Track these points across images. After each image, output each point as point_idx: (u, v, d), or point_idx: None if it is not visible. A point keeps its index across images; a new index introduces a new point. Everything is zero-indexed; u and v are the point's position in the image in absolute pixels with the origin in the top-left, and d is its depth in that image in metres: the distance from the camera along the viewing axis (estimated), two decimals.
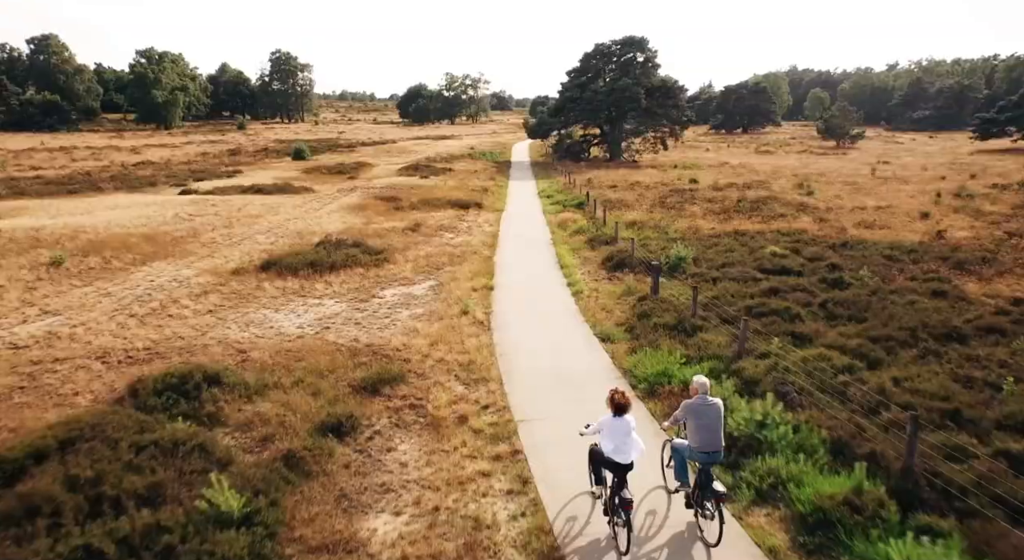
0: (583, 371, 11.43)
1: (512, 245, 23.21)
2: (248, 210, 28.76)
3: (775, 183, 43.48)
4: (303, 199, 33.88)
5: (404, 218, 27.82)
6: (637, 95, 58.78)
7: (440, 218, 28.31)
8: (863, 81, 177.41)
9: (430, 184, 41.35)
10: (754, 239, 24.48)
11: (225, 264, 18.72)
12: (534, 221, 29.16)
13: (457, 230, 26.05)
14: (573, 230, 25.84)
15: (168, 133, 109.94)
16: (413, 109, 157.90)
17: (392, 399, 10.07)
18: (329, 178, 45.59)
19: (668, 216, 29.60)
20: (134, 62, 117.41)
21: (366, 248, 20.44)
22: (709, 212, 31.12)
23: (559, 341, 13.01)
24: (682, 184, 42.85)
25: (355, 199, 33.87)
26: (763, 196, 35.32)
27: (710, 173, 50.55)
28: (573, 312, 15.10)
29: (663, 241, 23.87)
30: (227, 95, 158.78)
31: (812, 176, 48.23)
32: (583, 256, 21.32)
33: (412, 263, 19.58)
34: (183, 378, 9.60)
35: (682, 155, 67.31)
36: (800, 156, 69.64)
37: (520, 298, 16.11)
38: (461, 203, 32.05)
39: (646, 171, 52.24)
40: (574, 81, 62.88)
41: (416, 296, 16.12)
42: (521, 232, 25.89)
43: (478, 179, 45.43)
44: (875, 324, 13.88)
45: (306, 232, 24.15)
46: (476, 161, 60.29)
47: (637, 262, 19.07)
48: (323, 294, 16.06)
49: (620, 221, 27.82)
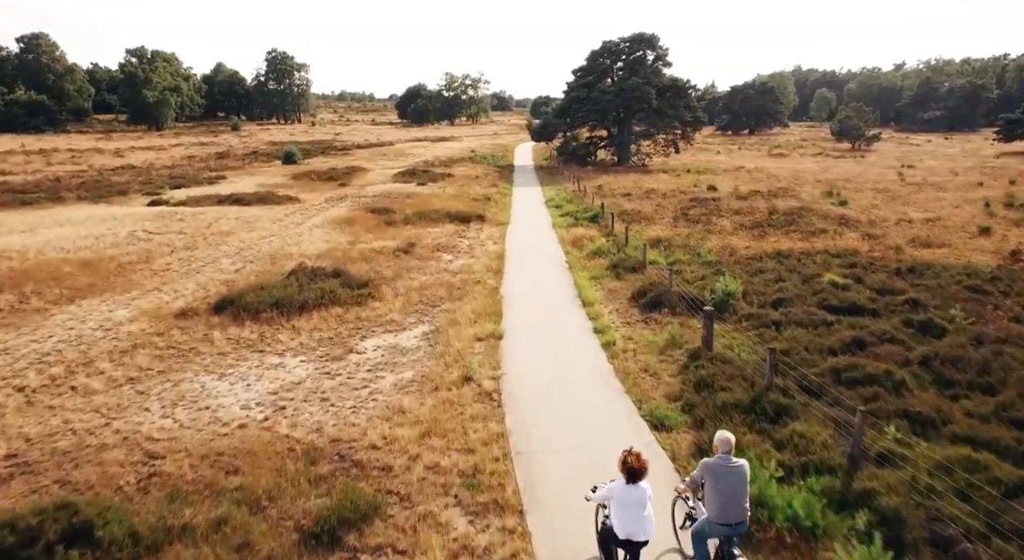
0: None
1: (521, 271, 19.78)
2: (219, 226, 25.34)
3: (801, 190, 40.10)
4: (285, 211, 30.45)
5: (396, 235, 24.40)
6: (648, 95, 55.36)
7: (437, 235, 24.88)
8: (870, 81, 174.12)
9: (427, 192, 37.92)
10: (801, 262, 21.07)
11: (172, 302, 15.27)
12: (544, 238, 25.73)
13: (457, 250, 22.63)
14: (591, 251, 22.41)
15: (159, 134, 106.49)
16: (412, 110, 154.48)
17: (360, 554, 6.65)
18: (318, 185, 42.16)
19: (696, 232, 26.17)
20: (124, 61, 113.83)
21: (348, 278, 17.00)
22: (740, 227, 27.71)
23: (595, 429, 9.57)
24: (701, 191, 39.46)
25: (343, 211, 30.44)
26: (795, 207, 31.91)
27: (727, 179, 47.16)
28: (607, 376, 11.66)
29: (698, 265, 20.46)
30: (222, 95, 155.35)
31: (838, 182, 44.86)
32: (607, 287, 17.89)
33: (402, 298, 16.14)
34: (30, 533, 6.18)
35: (693, 158, 63.92)
36: (817, 159, 66.29)
37: (537, 353, 12.67)
38: (461, 216, 28.61)
39: (658, 176, 48.85)
40: (580, 80, 59.47)
41: (405, 350, 12.70)
42: (530, 253, 22.47)
43: (479, 186, 42.02)
44: (1011, 397, 10.48)
45: (281, 254, 20.72)
46: (477, 165, 56.87)
47: (676, 298, 15.66)
48: (286, 348, 12.62)
49: (642, 238, 24.46)
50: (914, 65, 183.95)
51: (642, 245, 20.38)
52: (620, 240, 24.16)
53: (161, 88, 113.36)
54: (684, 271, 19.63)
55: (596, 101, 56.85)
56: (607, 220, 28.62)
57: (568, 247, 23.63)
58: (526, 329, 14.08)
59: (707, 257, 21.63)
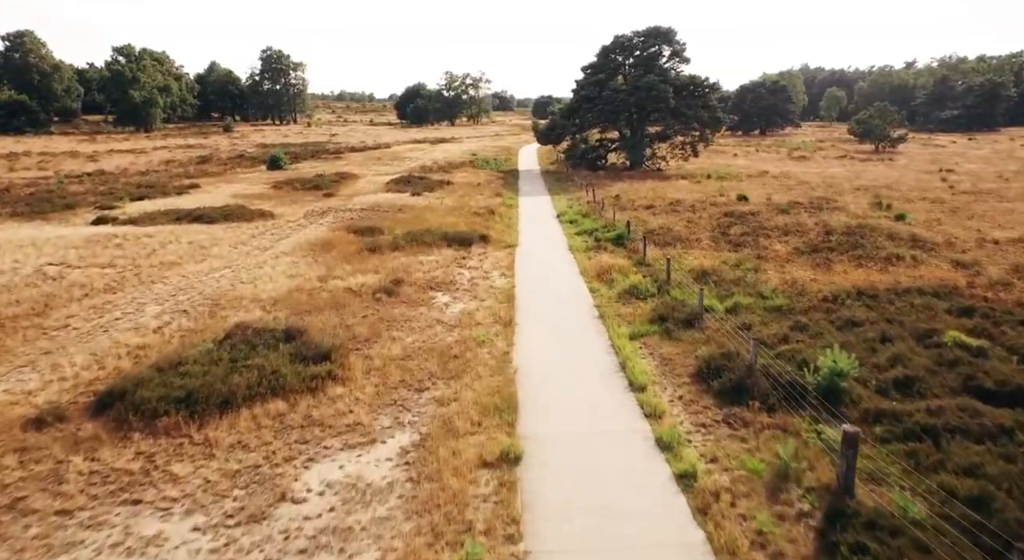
0: None
1: (537, 322, 15.12)
2: (164, 254, 20.70)
3: (844, 201, 35.46)
4: (253, 231, 25.81)
5: (380, 266, 19.73)
6: (665, 94, 50.66)
7: (431, 265, 20.22)
8: (882, 79, 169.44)
9: (422, 204, 33.27)
10: (896, 306, 16.37)
11: (35, 393, 10.58)
12: (561, 268, 21.05)
13: (455, 288, 17.97)
14: (623, 289, 17.72)
15: (147, 136, 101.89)
16: (411, 110, 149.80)
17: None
18: (301, 196, 37.51)
19: (745, 260, 21.49)
20: (111, 60, 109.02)
21: (305, 343, 12.35)
22: (795, 251, 23.04)
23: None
24: (731, 202, 34.82)
25: (322, 230, 25.80)
26: (850, 224, 27.23)
27: (754, 186, 42.52)
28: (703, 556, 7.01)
29: (765, 313, 15.78)
30: (216, 95, 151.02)
31: (879, 190, 40.21)
32: (658, 352, 13.20)
33: (377, 377, 11.50)
34: None
35: (710, 162, 59.21)
36: (843, 163, 61.67)
37: (578, 500, 8.00)
38: (460, 238, 23.92)
39: (677, 183, 44.18)
40: (591, 78, 54.77)
41: (370, 492, 8.05)
42: (547, 293, 17.78)
43: (481, 196, 37.36)
44: None
45: (228, 299, 16.07)
46: (478, 171, 52.21)
47: (763, 377, 11.00)
48: (181, 494, 7.95)
49: (683, 268, 19.81)
50: (926, 63, 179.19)
51: (697, 290, 15.68)
52: (657, 272, 19.49)
53: (149, 88, 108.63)
54: (751, 320, 14.99)
55: (608, 100, 52.17)
56: (635, 242, 23.98)
57: (594, 282, 18.94)
58: (555, 442, 9.41)
59: (773, 298, 16.96)
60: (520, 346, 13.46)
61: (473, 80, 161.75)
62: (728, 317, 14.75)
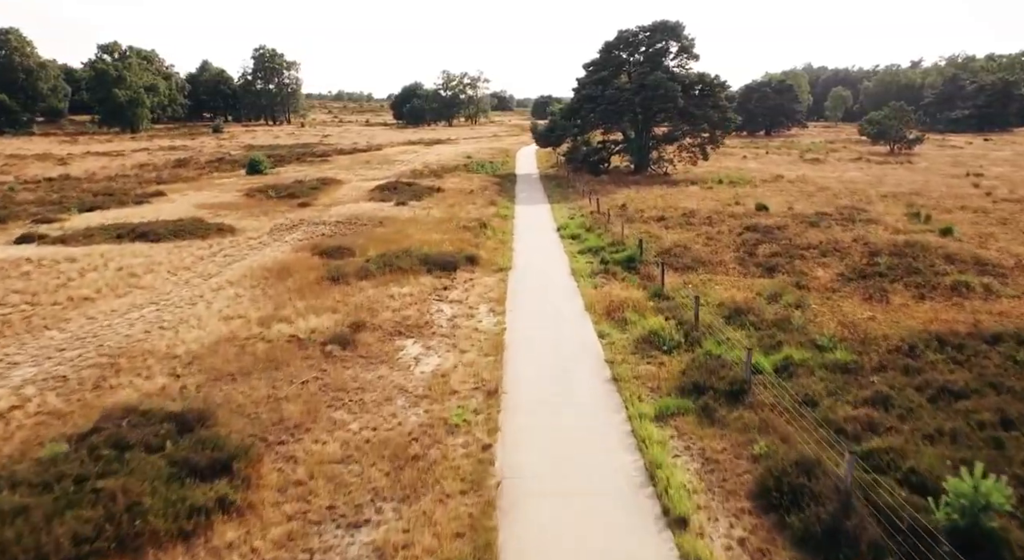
0: None
1: (533, 391, 11.47)
2: (80, 285, 17.04)
3: (876, 211, 31.89)
4: (204, 251, 22.17)
5: (342, 302, 16.08)
6: (673, 93, 46.97)
7: (405, 300, 16.56)
8: (889, 79, 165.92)
9: (406, 216, 29.64)
10: (994, 362, 12.71)
11: None
12: (562, 302, 17.39)
13: (430, 333, 14.33)
14: (641, 335, 14.05)
15: (131, 137, 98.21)
16: (407, 110, 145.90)
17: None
18: (274, 205, 33.88)
19: (783, 288, 17.84)
20: (95, 58, 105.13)
21: (201, 439, 8.68)
22: (839, 277, 19.40)
23: None
24: (750, 212, 31.25)
25: (284, 251, 22.16)
26: (895, 242, 23.63)
27: (771, 192, 38.95)
28: None
29: (827, 373, 12.14)
30: (208, 95, 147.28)
31: (909, 197, 36.63)
32: (698, 448, 9.52)
33: (295, 499, 7.85)
34: None
35: (719, 165, 55.54)
36: (860, 166, 58.04)
37: None
38: (443, 261, 20.23)
39: (687, 190, 40.56)
40: (593, 76, 51.09)
41: None
42: (545, 341, 14.08)
43: (474, 205, 33.74)
44: None
45: (131, 356, 12.42)
46: (472, 175, 48.54)
47: (860, 499, 7.40)
48: None
49: (710, 301, 16.24)
50: (934, 62, 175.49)
51: (743, 349, 12.04)
52: (679, 307, 15.85)
53: (135, 87, 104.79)
54: (811, 388, 11.36)
55: (611, 100, 48.49)
56: (649, 265, 20.34)
57: (603, 323, 15.28)
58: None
59: (832, 350, 13.29)
60: (508, 433, 9.82)
61: (471, 79, 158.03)
62: (782, 383, 11.12)
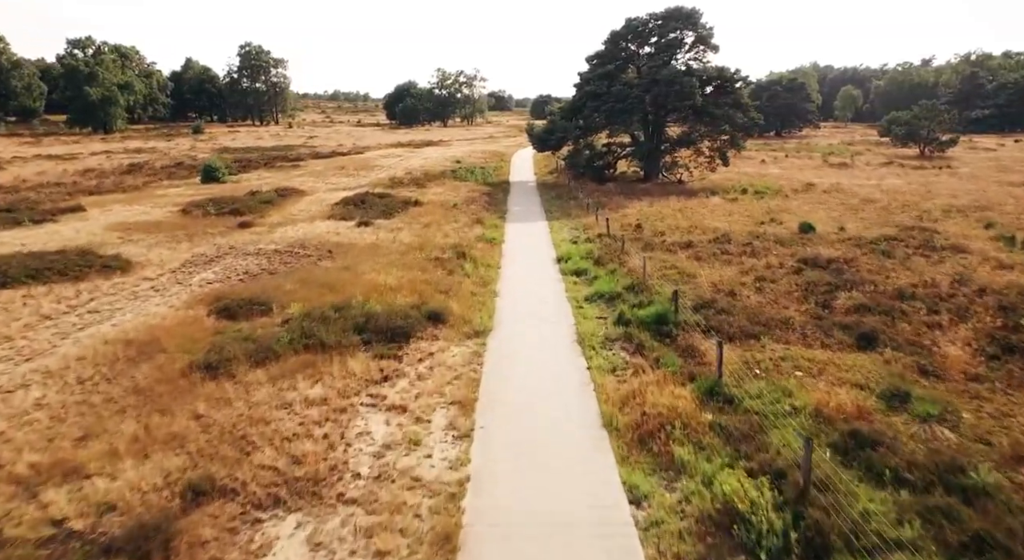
0: None
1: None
2: None
3: (948, 230, 25.70)
4: (57, 306, 15.89)
5: (206, 419, 9.84)
6: (690, 89, 40.72)
7: (311, 413, 10.33)
8: (901, 77, 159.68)
9: (367, 242, 23.43)
10: None
11: None
12: (567, 409, 11.15)
13: (329, 501, 8.10)
14: (706, 512, 7.86)
15: (101, 138, 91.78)
16: (400, 109, 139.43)
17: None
18: (210, 224, 27.63)
19: (905, 381, 11.62)
20: (64, 53, 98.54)
21: None
22: (977, 353, 13.16)
23: None
24: (793, 234, 25.05)
25: (172, 306, 15.91)
26: (1017, 284, 17.42)
27: (808, 205, 32.85)
28: None
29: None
30: (192, 94, 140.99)
31: (977, 212, 30.41)
32: None
33: None
34: None
35: (737, 171, 49.08)
36: (894, 171, 51.80)
37: None
38: (392, 325, 13.95)
39: (709, 202, 34.32)
40: (597, 70, 44.78)
41: None
42: (533, 515, 7.92)
43: (455, 224, 27.51)
44: None
45: None
46: (460, 184, 42.26)
47: None
48: None
49: (800, 408, 9.92)
50: (946, 60, 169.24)
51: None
52: (755, 428, 9.66)
53: (108, 85, 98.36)
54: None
55: (619, 97, 42.22)
56: (688, 330, 14.09)
57: (635, 466, 9.00)
58: None
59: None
60: None
61: (467, 78, 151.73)
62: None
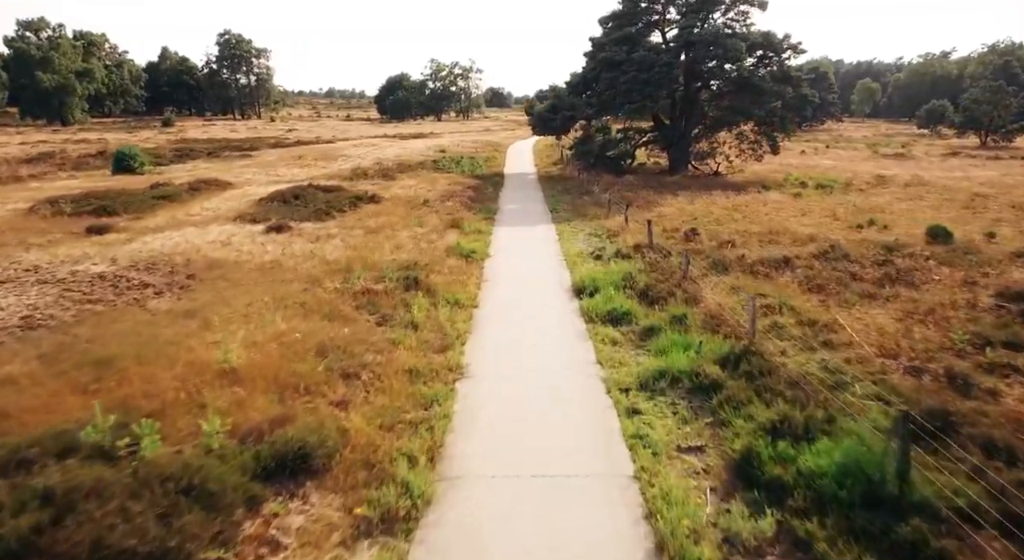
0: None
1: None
2: None
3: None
4: None
5: None
6: (736, 53, 31.51)
7: None
8: (923, 70, 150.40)
9: (264, 259, 14.17)
10: None
11: None
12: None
13: None
14: None
15: (53, 130, 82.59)
16: (390, 103, 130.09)
17: None
18: (48, 229, 18.33)
19: None
20: (14, 36, 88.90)
21: None
22: None
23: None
24: (917, 239, 15.85)
25: None
26: None
27: (902, 202, 23.90)
28: None
29: None
30: (169, 87, 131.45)
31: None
32: None
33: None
34: None
35: (780, 162, 39.49)
36: (967, 162, 42.83)
37: None
38: None
39: (766, 198, 25.11)
40: (613, 33, 35.47)
41: None
42: None
43: (420, 229, 18.19)
44: None
45: None
46: (439, 175, 32.86)
47: None
48: None
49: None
50: (967, 53, 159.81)
51: None
52: None
53: (64, 73, 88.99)
54: None
55: (643, 64, 32.87)
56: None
57: None
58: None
59: None
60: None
61: (463, 70, 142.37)
62: None
